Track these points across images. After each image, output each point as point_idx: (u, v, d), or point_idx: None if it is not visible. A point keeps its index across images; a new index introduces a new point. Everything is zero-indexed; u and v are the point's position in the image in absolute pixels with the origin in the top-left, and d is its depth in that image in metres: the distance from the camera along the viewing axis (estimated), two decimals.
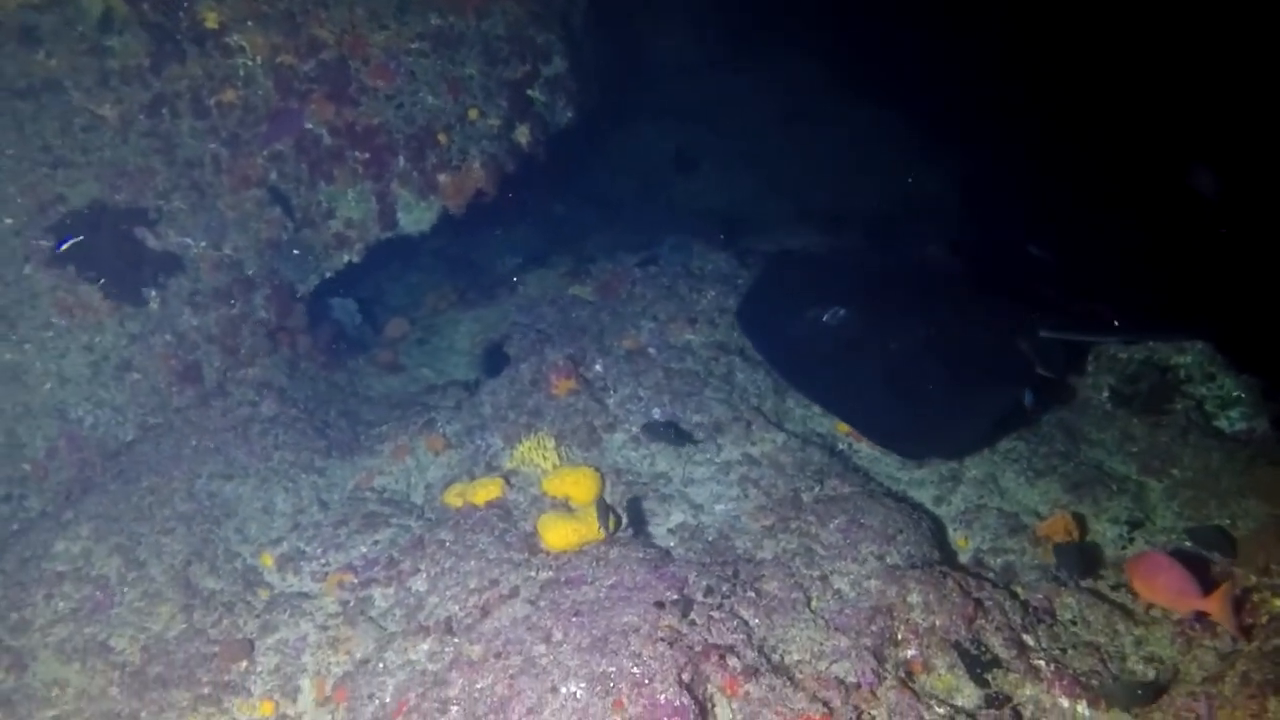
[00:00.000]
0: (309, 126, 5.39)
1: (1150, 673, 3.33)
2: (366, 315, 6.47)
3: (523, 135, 5.81)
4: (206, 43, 5.28)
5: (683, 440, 4.51)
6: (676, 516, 4.15)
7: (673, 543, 3.96)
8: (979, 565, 4.07)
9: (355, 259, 5.64)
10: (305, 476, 4.79)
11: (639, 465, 4.46)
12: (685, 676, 3.02)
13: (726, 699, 3.03)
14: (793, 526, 3.97)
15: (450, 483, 4.54)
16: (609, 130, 8.52)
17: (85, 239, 4.77)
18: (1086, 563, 3.85)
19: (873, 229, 7.94)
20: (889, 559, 3.77)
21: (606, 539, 3.83)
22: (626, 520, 4.02)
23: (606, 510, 3.81)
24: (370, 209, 5.54)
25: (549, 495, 4.22)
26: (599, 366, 4.98)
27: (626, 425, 4.64)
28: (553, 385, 4.77)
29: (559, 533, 3.83)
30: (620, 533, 3.98)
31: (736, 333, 5.34)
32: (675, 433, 4.49)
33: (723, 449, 4.55)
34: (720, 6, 10.00)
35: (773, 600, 3.51)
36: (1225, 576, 3.60)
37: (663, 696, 2.92)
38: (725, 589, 3.49)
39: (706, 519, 4.14)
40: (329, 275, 5.65)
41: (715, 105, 9.35)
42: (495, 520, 4.06)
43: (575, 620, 3.31)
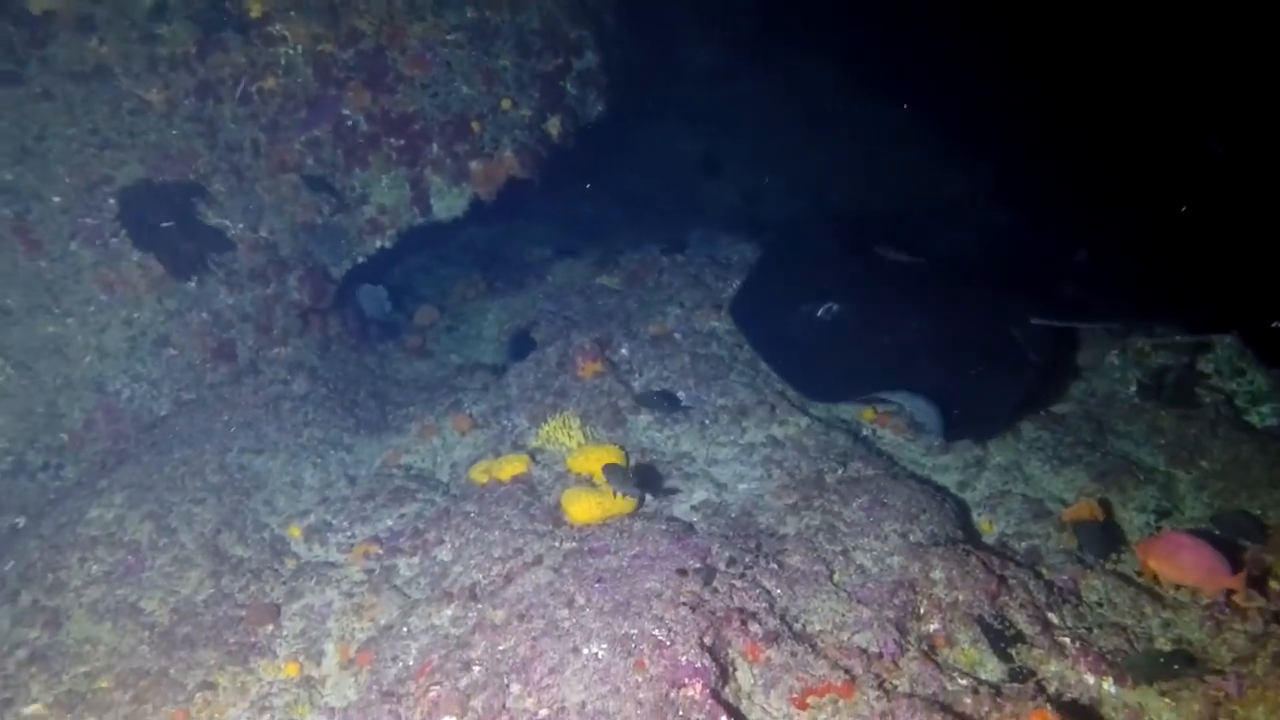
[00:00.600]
0: (346, 113, 5.51)
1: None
2: (396, 304, 6.56)
3: (554, 126, 5.90)
4: (250, 31, 5.42)
5: (675, 407, 4.54)
6: (699, 494, 4.16)
7: (696, 518, 3.97)
8: (1004, 549, 4.05)
9: (388, 245, 5.74)
10: (334, 453, 4.87)
11: (663, 445, 4.49)
12: (707, 640, 3.03)
13: (748, 663, 3.04)
14: (816, 505, 3.97)
15: (476, 461, 4.59)
16: (637, 130, 8.61)
17: (144, 214, 4.89)
18: (1108, 540, 3.82)
19: (892, 229, 7.94)
20: (912, 537, 3.75)
21: (631, 512, 3.86)
22: (649, 495, 4.05)
23: (621, 475, 3.82)
24: (403, 195, 5.64)
25: (574, 472, 4.25)
26: (625, 350, 5.02)
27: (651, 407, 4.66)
28: (579, 367, 4.82)
29: (583, 506, 3.87)
30: (643, 508, 4.00)
31: None
32: (668, 401, 4.52)
33: (746, 431, 4.57)
34: (748, 10, 10.10)
35: (795, 572, 3.51)
36: (1256, 561, 3.56)
37: (684, 658, 2.93)
38: (748, 560, 3.50)
39: (730, 497, 4.15)
40: (361, 260, 5.75)
41: (741, 107, 9.41)
42: (520, 494, 4.10)
43: (598, 586, 3.33)
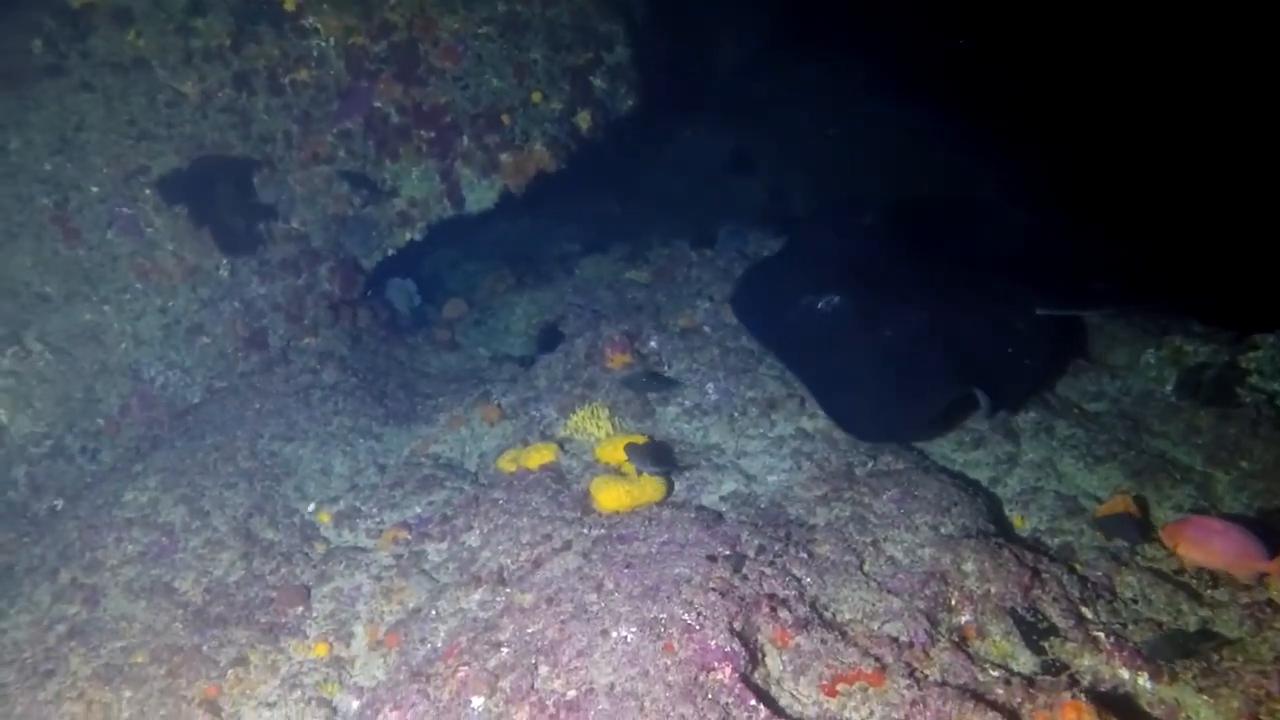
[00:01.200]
0: (378, 105, 5.56)
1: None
2: (425, 297, 6.61)
3: (584, 120, 5.92)
4: (284, 24, 5.49)
5: (666, 387, 4.54)
6: (729, 485, 4.15)
7: (725, 508, 3.95)
8: (1037, 544, 4.00)
9: (417, 237, 5.78)
10: (363, 441, 4.91)
11: (692, 436, 4.48)
12: (736, 625, 3.01)
13: (777, 650, 3.01)
14: (845, 496, 3.94)
15: (504, 450, 4.61)
16: (667, 126, 8.61)
17: (201, 191, 4.96)
18: (1142, 529, 3.76)
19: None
20: (943, 529, 3.72)
21: (660, 501, 3.85)
22: (677, 484, 4.04)
23: (644, 453, 3.82)
24: (434, 187, 5.69)
25: (602, 462, 4.25)
26: (654, 342, 5.02)
27: (681, 399, 4.66)
28: (608, 359, 4.82)
29: (612, 494, 3.86)
30: (672, 497, 3.99)
31: None
32: (657, 381, 4.55)
33: (776, 424, 4.54)
34: (780, 7, 10.07)
35: (825, 562, 3.49)
36: None
37: (713, 642, 2.91)
38: (777, 548, 3.48)
39: (759, 488, 4.13)
40: (391, 252, 5.80)
41: (772, 104, 9.38)
42: (549, 482, 4.10)
43: (627, 571, 3.33)
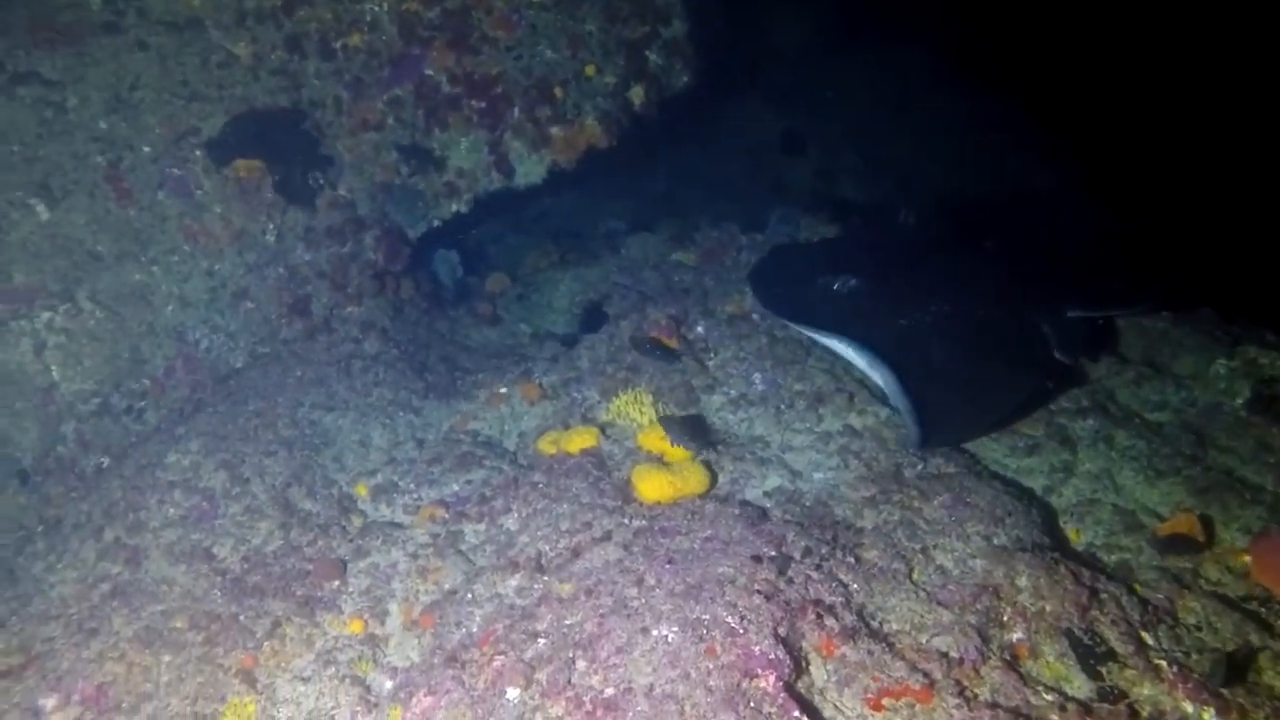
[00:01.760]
0: (429, 73, 5.47)
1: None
2: (468, 269, 6.54)
3: (637, 95, 5.77)
4: None
5: (671, 359, 4.51)
6: (773, 480, 4.04)
7: (769, 504, 3.85)
8: (1092, 560, 3.85)
9: (464, 209, 5.70)
10: (402, 415, 4.87)
11: (736, 428, 4.37)
12: (781, 631, 2.92)
13: (822, 659, 2.92)
14: (894, 499, 3.82)
15: (544, 431, 4.54)
16: (721, 105, 8.42)
17: (266, 136, 4.93)
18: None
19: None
20: (996, 540, 3.59)
21: (703, 494, 3.76)
22: (718, 477, 3.95)
23: (680, 427, 3.73)
24: (482, 159, 5.59)
25: (644, 449, 4.16)
26: (700, 328, 4.90)
27: (726, 388, 4.55)
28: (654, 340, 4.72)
29: (654, 484, 3.78)
30: (715, 490, 3.90)
31: None
32: (662, 350, 4.53)
33: (823, 419, 4.42)
34: None
35: (872, 568, 3.38)
36: None
37: (757, 648, 2.83)
38: (824, 551, 3.37)
39: (804, 485, 4.02)
40: (437, 223, 5.73)
41: (829, 87, 9.15)
42: (589, 467, 4.03)
43: (669, 567, 3.24)
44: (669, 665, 2.81)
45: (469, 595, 3.48)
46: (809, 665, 2.91)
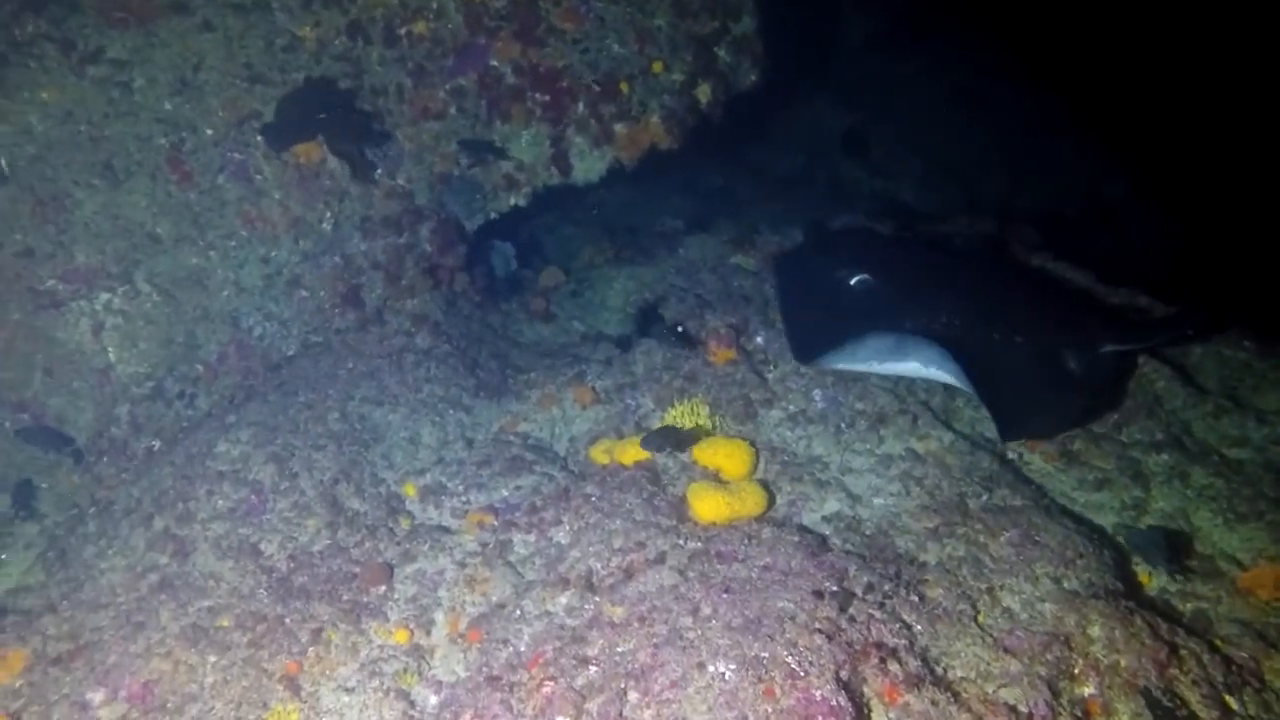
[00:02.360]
0: (493, 64, 5.36)
1: None
2: (522, 261, 6.46)
3: (703, 94, 5.61)
4: None
5: (682, 343, 4.46)
6: (831, 504, 3.91)
7: (828, 530, 3.72)
8: (1166, 607, 3.66)
9: (522, 203, 5.61)
10: (452, 413, 4.80)
11: (794, 445, 4.24)
12: (843, 674, 2.80)
13: (884, 706, 2.80)
14: (959, 532, 3.67)
15: (596, 438, 4.45)
16: (782, 100, 8.21)
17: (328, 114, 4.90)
18: (1173, 549, 3.55)
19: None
20: (1066, 584, 3.42)
21: (760, 516, 3.65)
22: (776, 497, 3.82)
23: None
24: (543, 153, 5.48)
25: (699, 465, 4.05)
26: (760, 339, 4.76)
27: (785, 403, 4.41)
28: (711, 352, 4.59)
29: (710, 504, 3.67)
30: (772, 511, 3.78)
31: None
32: (674, 335, 4.51)
33: (884, 441, 4.27)
34: None
35: (936, 607, 3.24)
36: None
37: (819, 692, 2.71)
38: (887, 588, 3.24)
39: (864, 511, 3.88)
40: (494, 216, 5.64)
41: (894, 83, 8.88)
42: (643, 482, 3.92)
43: (725, 597, 3.13)
44: (725, 705, 2.70)
45: (517, 611, 3.40)
46: (870, 713, 2.78)
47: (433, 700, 3.20)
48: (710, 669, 2.83)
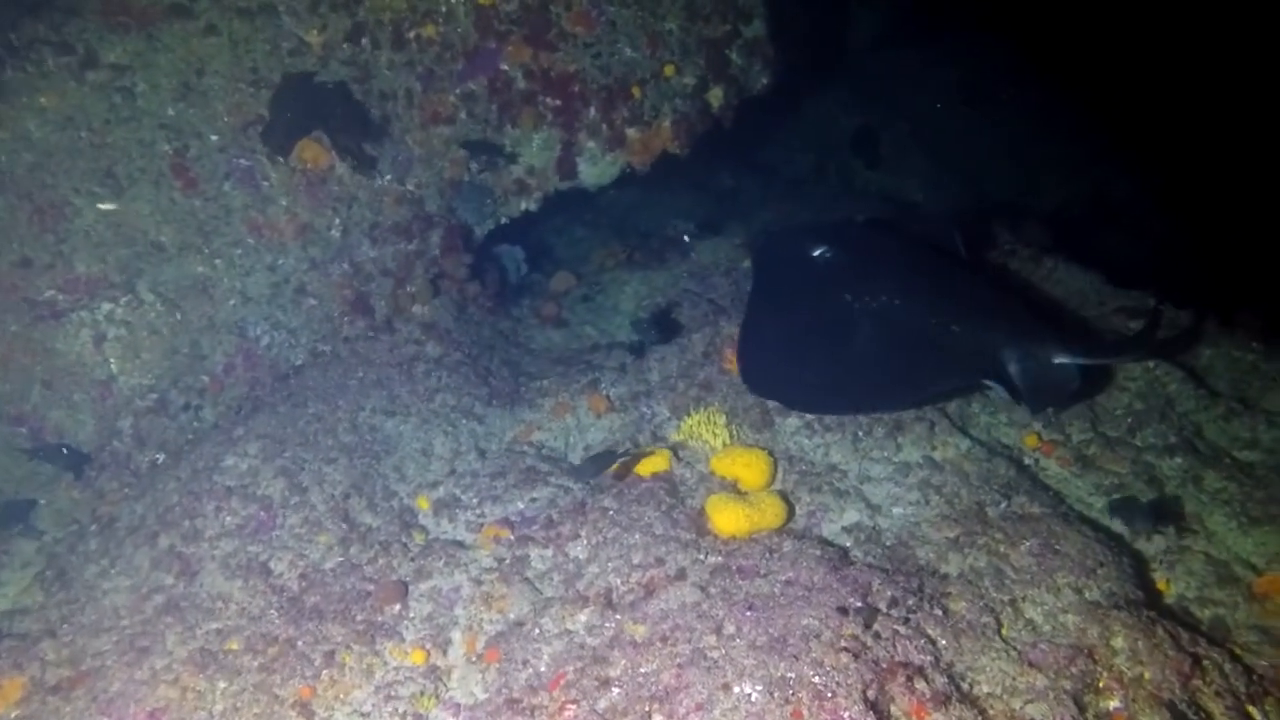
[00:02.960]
0: (504, 68, 5.30)
1: None
2: (532, 265, 6.41)
3: (715, 97, 5.56)
4: None
5: (670, 335, 4.48)
6: (851, 515, 3.87)
7: (848, 542, 3.69)
8: (1185, 615, 3.64)
9: (533, 207, 5.56)
10: (465, 422, 4.75)
11: (812, 454, 4.20)
12: (870, 694, 2.77)
13: None
14: (980, 542, 3.63)
15: (611, 448, 4.40)
16: (792, 100, 8.16)
17: (326, 107, 4.84)
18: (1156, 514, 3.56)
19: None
20: (1088, 594, 3.39)
21: (779, 528, 3.61)
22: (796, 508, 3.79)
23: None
24: (553, 157, 5.43)
25: (717, 475, 4.01)
26: None
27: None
28: (727, 359, 4.55)
29: (729, 516, 3.63)
30: (791, 524, 3.75)
31: None
32: (659, 326, 4.58)
33: (902, 448, 4.23)
34: None
35: (960, 621, 3.20)
36: None
37: (847, 713, 2.68)
38: (911, 602, 3.20)
39: (884, 522, 3.85)
40: (505, 221, 5.59)
41: (902, 81, 8.83)
42: (661, 494, 3.88)
43: (749, 615, 3.10)
44: None
45: (536, 630, 3.36)
46: None
47: None
48: (736, 690, 2.80)
